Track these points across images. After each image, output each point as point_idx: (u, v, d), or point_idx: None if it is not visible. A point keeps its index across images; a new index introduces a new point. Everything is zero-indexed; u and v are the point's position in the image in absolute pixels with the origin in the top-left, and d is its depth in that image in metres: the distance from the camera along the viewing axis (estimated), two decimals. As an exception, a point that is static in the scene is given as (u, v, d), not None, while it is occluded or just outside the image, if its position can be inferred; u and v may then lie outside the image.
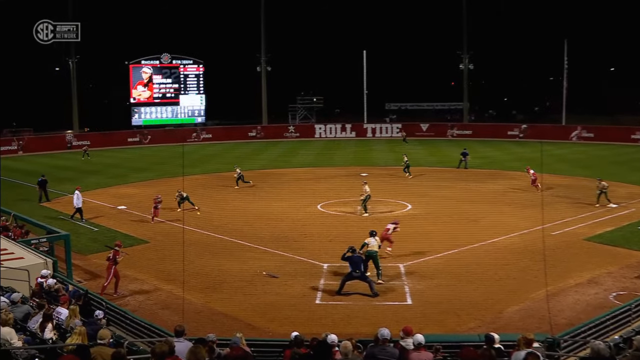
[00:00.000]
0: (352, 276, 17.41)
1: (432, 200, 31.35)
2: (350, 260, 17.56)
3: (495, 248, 22.38)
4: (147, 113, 74.16)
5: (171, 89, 74.94)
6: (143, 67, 73.42)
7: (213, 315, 16.18)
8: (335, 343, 10.30)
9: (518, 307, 16.31)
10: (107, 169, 47.85)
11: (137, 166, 49.17)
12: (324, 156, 55.31)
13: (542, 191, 32.46)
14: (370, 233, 19.56)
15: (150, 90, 73.93)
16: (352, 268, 17.42)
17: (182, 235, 19.02)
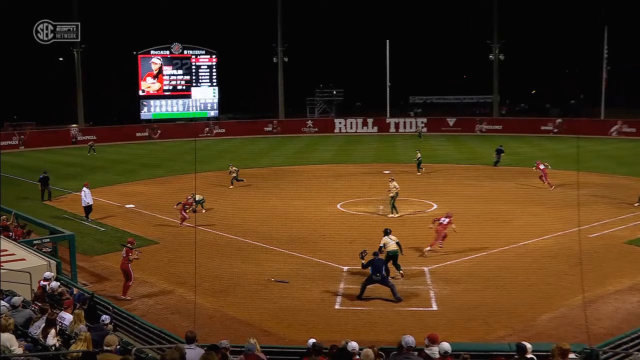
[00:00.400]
0: (373, 280, 17.38)
1: (458, 200, 31.14)
2: (371, 264, 17.51)
3: (527, 251, 22.19)
4: (156, 106, 74.74)
5: (182, 80, 75.42)
6: (152, 58, 73.97)
7: (226, 321, 16.24)
8: (356, 351, 10.26)
9: (552, 315, 16.15)
10: (114, 165, 48.31)
11: (146, 162, 49.56)
12: (344, 152, 55.26)
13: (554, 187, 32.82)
14: (385, 232, 19.53)
15: (160, 82, 74.48)
16: (373, 271, 17.39)
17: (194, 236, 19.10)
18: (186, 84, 75.63)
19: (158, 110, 74.83)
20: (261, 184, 37.86)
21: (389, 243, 19.34)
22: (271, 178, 40.55)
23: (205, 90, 76.39)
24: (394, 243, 19.33)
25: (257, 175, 41.91)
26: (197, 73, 75.84)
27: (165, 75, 74.64)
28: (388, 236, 19.51)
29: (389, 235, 19.53)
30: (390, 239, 19.43)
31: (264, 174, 42.93)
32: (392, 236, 19.58)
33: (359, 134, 73.02)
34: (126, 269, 18.22)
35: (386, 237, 19.49)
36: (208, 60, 76.42)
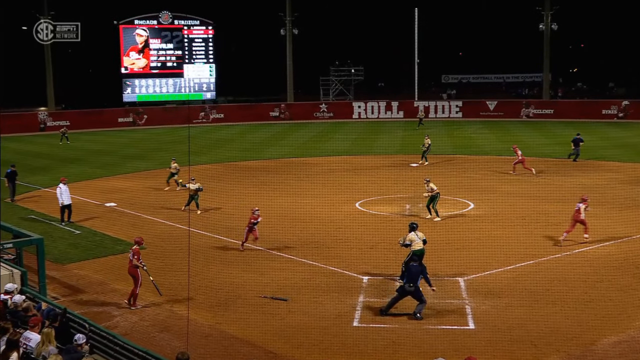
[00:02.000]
0: (405, 291, 17.34)
1: (500, 198, 30.96)
2: (407, 270, 17.55)
3: (585, 260, 22.00)
4: (142, 87, 75.00)
5: (173, 56, 75.63)
6: (137, 29, 74.17)
7: (224, 340, 16.24)
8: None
9: (617, 339, 15.98)
10: (92, 156, 48.54)
11: (130, 153, 49.76)
12: (363, 142, 55.18)
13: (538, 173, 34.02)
14: (410, 227, 19.57)
15: (146, 57, 74.73)
16: (407, 280, 17.39)
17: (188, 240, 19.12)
18: (177, 60, 75.79)
19: (144, 91, 75.06)
20: (266, 178, 37.89)
21: (415, 240, 19.36)
22: (278, 172, 40.53)
23: (200, 67, 76.50)
24: (420, 241, 19.39)
25: (261, 169, 41.97)
26: (190, 47, 75.99)
27: (153, 49, 74.83)
28: (414, 232, 19.49)
29: (415, 231, 19.51)
30: (417, 235, 19.45)
31: (270, 166, 42.95)
32: (419, 232, 19.62)
33: (381, 119, 72.85)
34: (134, 273, 18.54)
35: (412, 234, 19.47)
36: (203, 32, 76.52)
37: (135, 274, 18.55)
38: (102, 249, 24.21)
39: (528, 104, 73.11)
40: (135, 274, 18.55)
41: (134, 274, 18.59)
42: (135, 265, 18.54)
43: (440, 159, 43.41)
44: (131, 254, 18.75)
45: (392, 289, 19.44)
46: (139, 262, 18.58)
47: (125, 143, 56.84)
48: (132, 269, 18.63)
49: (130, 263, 18.67)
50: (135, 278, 18.56)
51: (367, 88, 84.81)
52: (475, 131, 61.29)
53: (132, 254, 18.70)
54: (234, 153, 48.22)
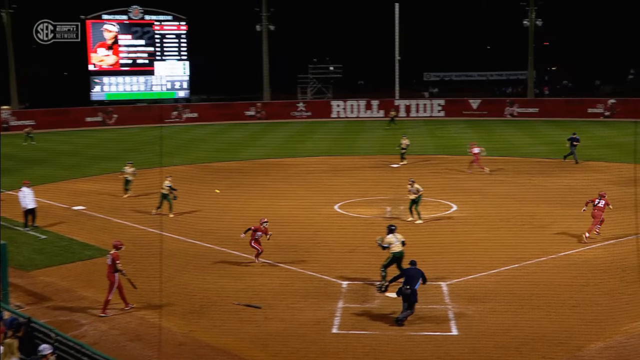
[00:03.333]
0: (401, 292, 17.47)
1: (484, 200, 31.16)
2: (405, 274, 17.67)
3: (571, 263, 22.18)
4: (111, 84, 74.57)
5: (144, 53, 75.29)
6: (105, 24, 73.71)
7: (198, 349, 16.17)
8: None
9: (604, 344, 16.12)
10: (59, 157, 48.11)
11: (98, 154, 49.39)
12: (343, 142, 55.22)
13: (489, 170, 35.61)
14: (389, 229, 19.85)
15: (115, 54, 74.29)
16: (405, 283, 17.48)
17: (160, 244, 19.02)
18: (149, 57, 75.44)
19: (113, 89, 74.62)
20: (242, 180, 37.76)
21: (394, 243, 19.62)
22: (254, 173, 40.44)
23: (173, 65, 76.23)
24: (399, 243, 19.64)
25: (236, 170, 41.85)
26: (162, 44, 75.66)
27: (123, 46, 74.39)
28: (393, 234, 19.75)
29: (394, 234, 19.76)
30: (396, 237, 19.72)
31: (245, 168, 42.84)
32: (398, 234, 19.86)
33: (361, 119, 72.96)
34: (111, 279, 18.38)
35: (390, 236, 19.74)
36: (176, 28, 76.27)
37: (113, 280, 18.38)
38: (70, 255, 23.98)
39: (512, 103, 73.61)
40: (112, 279, 18.38)
41: (112, 280, 18.42)
42: (118, 270, 18.36)
43: (422, 159, 43.57)
44: (110, 259, 18.54)
45: (373, 293, 19.53)
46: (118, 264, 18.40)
47: (94, 144, 56.40)
48: (111, 274, 18.42)
49: (110, 268, 18.44)
50: (111, 284, 18.39)
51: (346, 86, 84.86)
52: (458, 131, 61.55)
53: (112, 259, 18.51)
54: (208, 154, 48.05)
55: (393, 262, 19.55)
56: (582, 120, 65.73)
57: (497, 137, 56.72)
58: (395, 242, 19.65)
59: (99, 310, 18.40)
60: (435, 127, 64.55)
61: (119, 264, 18.44)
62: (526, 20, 75.91)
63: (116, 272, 18.39)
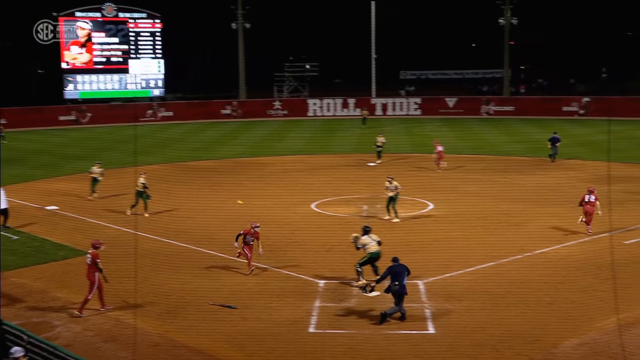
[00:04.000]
0: (390, 289, 17.59)
1: (460, 198, 31.31)
2: (390, 272, 17.76)
3: (546, 261, 22.35)
4: (85, 83, 74.00)
5: (118, 51, 74.79)
6: (78, 21, 73.02)
7: (174, 349, 16.09)
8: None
9: (579, 341, 16.25)
10: (31, 156, 47.63)
11: (72, 153, 48.99)
12: (319, 140, 55.26)
13: (445, 169, 36.11)
14: (364, 230, 20.01)
15: (89, 52, 73.73)
16: (392, 280, 17.59)
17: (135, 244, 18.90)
18: (123, 55, 74.95)
19: (87, 87, 74.04)
20: (218, 179, 37.66)
21: (370, 243, 19.78)
22: (230, 172, 40.34)
23: (148, 63, 75.80)
24: (375, 243, 19.81)
25: (212, 169, 41.74)
26: (136, 42, 75.23)
27: (96, 44, 73.85)
28: (368, 235, 19.92)
29: (369, 235, 19.93)
30: (371, 238, 19.88)
31: (221, 167, 42.70)
32: (373, 235, 20.02)
33: (338, 117, 73.04)
34: (91, 279, 18.28)
35: (366, 237, 19.90)
36: (150, 26, 75.83)
37: (93, 280, 18.29)
38: (43, 255, 23.74)
39: (488, 101, 74.13)
40: (93, 279, 18.29)
41: (92, 280, 18.32)
42: (99, 269, 18.28)
43: (399, 158, 43.73)
44: (89, 259, 18.43)
45: (350, 292, 19.56)
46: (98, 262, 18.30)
47: (68, 143, 55.93)
48: (90, 274, 18.32)
49: (90, 268, 18.34)
50: (91, 283, 18.30)
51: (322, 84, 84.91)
52: (435, 129, 61.84)
53: (91, 258, 18.39)
54: (184, 153, 47.87)
55: (370, 261, 19.69)
56: (557, 119, 66.41)
57: (473, 136, 57.12)
58: (371, 242, 19.81)
59: (75, 309, 18.25)
60: (411, 125, 64.79)
61: (100, 262, 18.34)
62: (502, 18, 76.42)
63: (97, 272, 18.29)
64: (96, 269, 18.29)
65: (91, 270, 18.36)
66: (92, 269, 18.35)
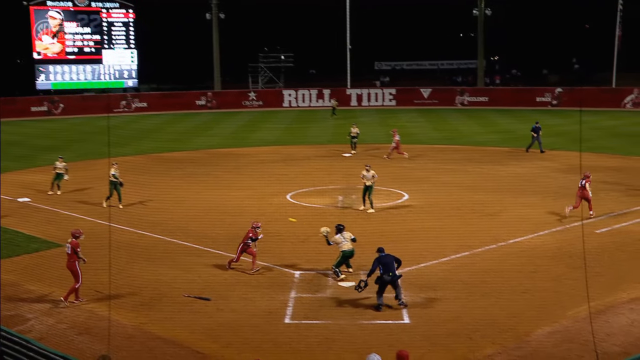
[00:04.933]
0: (384, 281, 17.62)
1: (435, 188, 31.46)
2: (379, 263, 17.80)
3: (519, 250, 22.56)
4: (57, 73, 73.20)
5: (90, 41, 74.03)
6: (50, 11, 72.18)
7: (149, 341, 16.05)
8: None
9: (551, 329, 16.44)
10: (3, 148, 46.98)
11: (44, 144, 48.53)
12: (295, 131, 55.22)
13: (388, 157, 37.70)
14: (337, 229, 20.10)
15: (61, 42, 72.87)
16: (384, 270, 17.64)
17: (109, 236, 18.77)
18: (96, 45, 74.20)
19: (59, 78, 73.26)
20: (193, 170, 37.53)
21: (343, 242, 19.90)
22: (205, 163, 40.19)
23: (121, 53, 75.10)
24: (348, 241, 19.92)
25: (187, 160, 41.55)
26: (109, 32, 74.50)
27: (68, 34, 73.02)
28: (341, 234, 20.05)
29: (342, 233, 20.06)
30: (344, 236, 20.00)
31: (196, 158, 42.53)
32: (346, 233, 20.13)
33: (313, 108, 73.00)
34: (74, 269, 18.27)
35: (339, 236, 20.03)
36: (123, 16, 75.10)
37: (75, 269, 18.29)
38: (14, 248, 23.49)
39: (463, 92, 74.46)
40: (74, 268, 18.29)
41: (73, 269, 18.31)
42: (80, 257, 18.30)
43: (373, 149, 43.81)
44: (69, 249, 18.42)
45: (325, 283, 19.61)
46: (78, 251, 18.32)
47: (40, 134, 55.35)
48: (70, 264, 18.31)
49: (70, 258, 18.33)
50: (74, 273, 18.30)
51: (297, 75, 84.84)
52: (410, 120, 62.06)
53: (71, 247, 18.39)
54: (158, 144, 47.58)
55: (343, 260, 19.85)
56: (530, 109, 66.92)
57: (448, 126, 57.38)
58: (344, 241, 19.91)
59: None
60: (386, 116, 64.93)
61: (80, 251, 18.33)
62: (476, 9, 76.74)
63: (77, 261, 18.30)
64: (76, 258, 18.29)
65: (71, 259, 18.36)
66: (72, 258, 18.34)
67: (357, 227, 24.44)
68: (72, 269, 18.37)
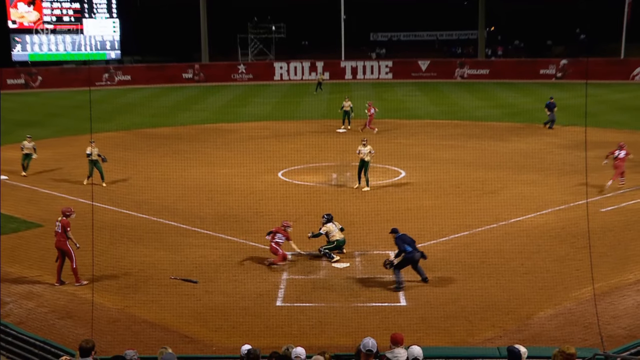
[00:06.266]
0: (415, 259, 17.85)
1: (433, 165, 31.47)
2: (403, 242, 17.94)
3: (521, 230, 22.62)
4: (34, 44, 72.65)
5: (70, 9, 73.42)
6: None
7: (134, 325, 16.10)
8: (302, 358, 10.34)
9: (553, 311, 16.54)
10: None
11: (22, 119, 48.24)
12: (286, 106, 55.06)
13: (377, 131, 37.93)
14: (327, 218, 20.25)
15: (38, 10, 72.25)
16: (412, 248, 17.88)
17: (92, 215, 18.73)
18: (75, 14, 73.62)
19: (37, 49, 72.70)
20: (179, 147, 37.45)
21: (334, 231, 20.10)
22: (192, 139, 40.11)
23: (103, 23, 74.56)
24: (338, 230, 20.17)
25: (173, 136, 41.46)
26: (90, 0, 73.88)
27: (46, 1, 72.39)
28: (331, 223, 20.23)
29: (332, 222, 20.24)
30: (335, 225, 20.21)
31: (183, 133, 42.44)
32: (336, 222, 20.37)
33: (305, 81, 72.77)
34: (65, 248, 18.28)
35: (330, 224, 20.19)
36: (105, -17, 74.49)
37: (66, 248, 18.32)
38: (-8, 228, 23.48)
39: (462, 64, 74.26)
40: (66, 247, 18.31)
41: (64, 248, 18.33)
42: (69, 237, 18.29)
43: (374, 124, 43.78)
44: (59, 227, 18.40)
45: (318, 264, 19.66)
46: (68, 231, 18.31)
47: (17, 108, 54.95)
48: (61, 242, 18.32)
49: (59, 236, 18.33)
50: (67, 253, 18.35)
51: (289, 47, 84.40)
52: (407, 93, 61.94)
53: (61, 226, 18.37)
54: (143, 119, 47.45)
55: (336, 248, 20.02)
56: (533, 82, 66.87)
57: (447, 100, 57.31)
58: (335, 229, 20.10)
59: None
60: (382, 89, 64.79)
61: (70, 231, 18.31)
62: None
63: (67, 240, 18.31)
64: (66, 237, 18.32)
65: (61, 238, 18.36)
66: (62, 237, 18.35)
67: (352, 206, 24.57)
68: (63, 248, 18.38)
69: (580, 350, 11.18)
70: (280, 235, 19.93)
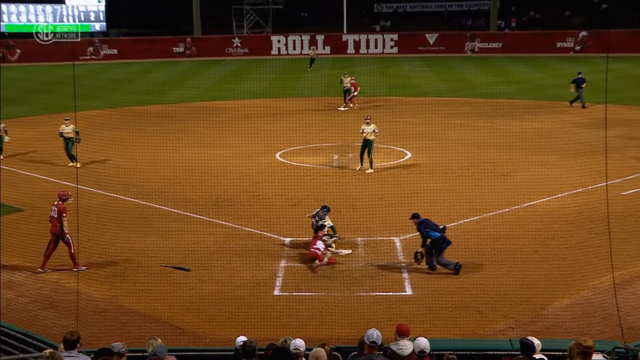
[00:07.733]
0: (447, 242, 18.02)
1: (441, 146, 31.46)
2: (426, 227, 18.09)
3: (535, 214, 22.64)
4: (12, 14, 72.25)
5: (52, -22, 73.05)
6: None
7: (122, 316, 16.15)
8: (301, 351, 10.37)
9: (570, 301, 16.57)
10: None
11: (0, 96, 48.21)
12: (284, 82, 54.93)
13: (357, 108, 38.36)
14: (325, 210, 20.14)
15: (15, -23, 71.86)
16: (440, 232, 18.04)
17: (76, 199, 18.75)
18: (57, -19, 73.31)
19: (14, 19, 72.30)
20: (170, 126, 37.45)
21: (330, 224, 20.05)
22: (184, 118, 40.07)
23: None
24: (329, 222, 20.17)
25: (163, 114, 41.41)
26: (73, -32, 73.63)
27: (24, -33, 72.06)
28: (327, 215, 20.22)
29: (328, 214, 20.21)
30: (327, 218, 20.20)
31: (174, 112, 42.40)
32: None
33: (304, 56, 72.54)
34: (58, 232, 18.38)
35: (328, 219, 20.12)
36: (89, -50, 74.15)
37: (63, 235, 18.41)
38: (-33, 213, 23.51)
39: (473, 37, 74.02)
40: (63, 233, 18.40)
41: (59, 233, 18.42)
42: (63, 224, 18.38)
43: (372, 101, 43.69)
44: (54, 212, 18.48)
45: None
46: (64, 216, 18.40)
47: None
48: (57, 228, 18.40)
49: (55, 222, 18.42)
50: (64, 239, 18.44)
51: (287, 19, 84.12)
52: (413, 69, 61.81)
53: (57, 211, 18.45)
54: (131, 96, 47.35)
55: None
56: (549, 56, 66.68)
57: (456, 76, 57.15)
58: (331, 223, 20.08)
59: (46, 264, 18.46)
60: (387, 65, 64.65)
61: (65, 217, 18.36)
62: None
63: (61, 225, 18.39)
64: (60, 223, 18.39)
65: (57, 224, 18.43)
66: (58, 222, 18.43)
67: (355, 189, 24.60)
68: (59, 233, 18.45)
69: (598, 343, 11.19)
70: (321, 243, 19.38)
